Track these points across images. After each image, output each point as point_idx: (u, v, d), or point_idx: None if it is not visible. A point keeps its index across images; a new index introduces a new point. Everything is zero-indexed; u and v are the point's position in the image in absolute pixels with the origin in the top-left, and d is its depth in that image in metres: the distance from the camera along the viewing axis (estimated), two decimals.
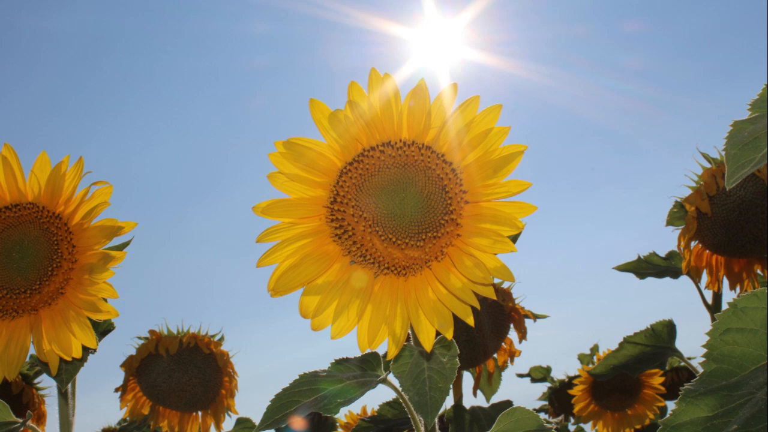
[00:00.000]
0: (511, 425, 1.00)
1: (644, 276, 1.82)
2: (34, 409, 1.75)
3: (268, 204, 0.86)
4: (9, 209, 1.05)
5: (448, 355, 0.91)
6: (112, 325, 1.18)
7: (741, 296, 0.74)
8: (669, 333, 1.64)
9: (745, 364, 0.71)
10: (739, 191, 1.48)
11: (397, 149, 0.85)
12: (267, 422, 0.95)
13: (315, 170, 0.86)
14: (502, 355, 1.79)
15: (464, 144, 0.83)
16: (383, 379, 0.99)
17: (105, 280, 1.02)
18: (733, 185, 0.72)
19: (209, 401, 1.69)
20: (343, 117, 0.84)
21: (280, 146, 0.85)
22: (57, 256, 1.04)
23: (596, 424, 2.34)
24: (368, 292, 0.87)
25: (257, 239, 0.87)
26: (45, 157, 1.03)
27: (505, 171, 0.83)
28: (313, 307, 0.87)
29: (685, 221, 1.56)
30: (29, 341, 1.04)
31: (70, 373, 1.11)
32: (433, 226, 0.85)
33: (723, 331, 0.73)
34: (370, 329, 0.86)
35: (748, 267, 1.62)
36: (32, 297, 1.04)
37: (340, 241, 0.88)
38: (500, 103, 0.83)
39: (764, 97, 0.76)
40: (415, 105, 0.83)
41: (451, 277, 0.85)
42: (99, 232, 1.02)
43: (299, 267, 0.87)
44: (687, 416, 0.71)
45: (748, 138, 0.73)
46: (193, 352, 1.66)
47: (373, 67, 0.83)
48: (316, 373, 1.00)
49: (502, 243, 0.82)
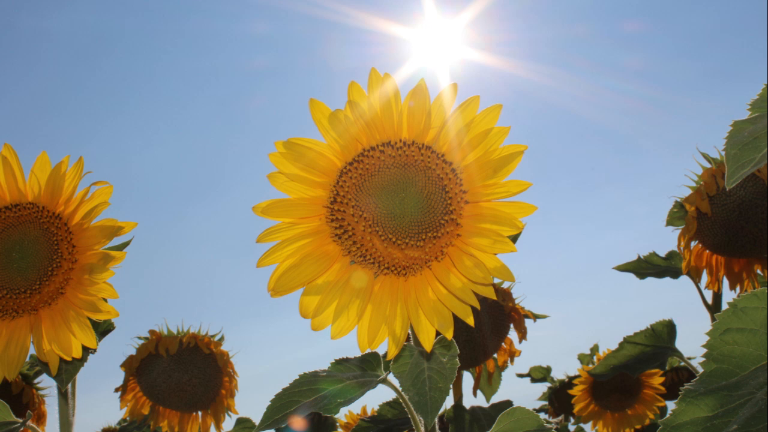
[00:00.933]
0: (511, 425, 1.00)
1: (644, 276, 1.82)
2: (34, 409, 1.75)
3: (268, 204, 0.86)
4: (9, 209, 1.05)
5: (448, 355, 0.91)
6: (112, 325, 1.18)
7: (741, 296, 0.74)
8: (669, 333, 1.64)
9: (745, 364, 0.71)
10: (739, 191, 1.48)
11: (397, 149, 0.85)
12: (267, 422, 0.95)
13: (315, 170, 0.86)
14: (502, 355, 1.79)
15: (464, 144, 0.83)
16: (383, 379, 0.99)
17: (105, 280, 1.02)
18: (733, 185, 0.72)
19: (209, 401, 1.69)
20: (343, 117, 0.84)
21: (280, 146, 0.85)
22: (57, 256, 1.04)
23: (596, 424, 2.34)
24: (368, 292, 0.87)
25: (257, 239, 0.87)
26: (45, 157, 1.03)
27: (505, 171, 0.83)
28: (313, 307, 0.87)
29: (685, 221, 1.56)
30: (29, 341, 1.04)
31: (70, 373, 1.11)
32: (433, 226, 0.85)
33: (723, 331, 0.73)
34: (370, 329, 0.86)
35: (748, 267, 1.62)
36: (32, 297, 1.04)
37: (340, 241, 0.87)
38: (500, 103, 0.83)
39: (764, 97, 0.76)
40: (415, 105, 0.83)
41: (451, 277, 0.85)
42: (99, 232, 1.02)
43: (299, 267, 0.87)
44: (687, 416, 0.71)
45: (748, 138, 0.73)
46: (193, 352, 1.66)
47: (373, 67, 0.83)
48: (316, 373, 1.00)
49: (502, 243, 0.82)
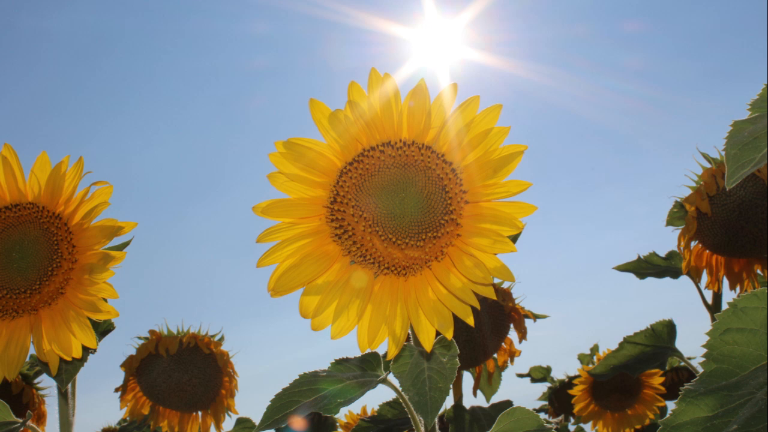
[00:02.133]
0: (511, 425, 1.00)
1: (644, 276, 1.82)
2: (34, 409, 1.75)
3: (268, 204, 0.86)
4: (9, 209, 1.05)
5: (448, 355, 0.91)
6: (112, 325, 1.18)
7: (741, 296, 0.74)
8: (669, 333, 1.64)
9: (745, 364, 0.71)
10: (739, 191, 1.48)
11: (397, 149, 0.85)
12: (267, 422, 0.95)
13: (315, 170, 0.86)
14: (502, 355, 1.79)
15: (464, 144, 0.83)
16: (383, 379, 0.99)
17: (105, 280, 1.02)
18: (733, 185, 0.72)
19: (209, 401, 1.69)
20: (343, 117, 0.84)
21: (280, 146, 0.85)
22: (57, 256, 1.04)
23: (596, 424, 2.34)
24: (368, 292, 0.87)
25: (257, 239, 0.87)
26: (45, 157, 1.03)
27: (505, 171, 0.83)
28: (313, 307, 0.87)
29: (685, 221, 1.56)
30: (29, 341, 1.04)
31: (70, 373, 1.11)
32: (433, 226, 0.85)
33: (723, 331, 0.73)
34: (370, 329, 0.86)
35: (748, 267, 1.62)
36: (32, 297, 1.04)
37: (340, 241, 0.87)
38: (500, 103, 0.83)
39: (764, 97, 0.76)
40: (415, 105, 0.83)
41: (451, 277, 0.85)
42: (99, 232, 1.02)
43: (299, 267, 0.87)
44: (687, 416, 0.71)
45: (748, 138, 0.73)
46: (193, 352, 1.66)
47: (373, 67, 0.83)
48: (316, 373, 1.00)
49: (502, 243, 0.82)
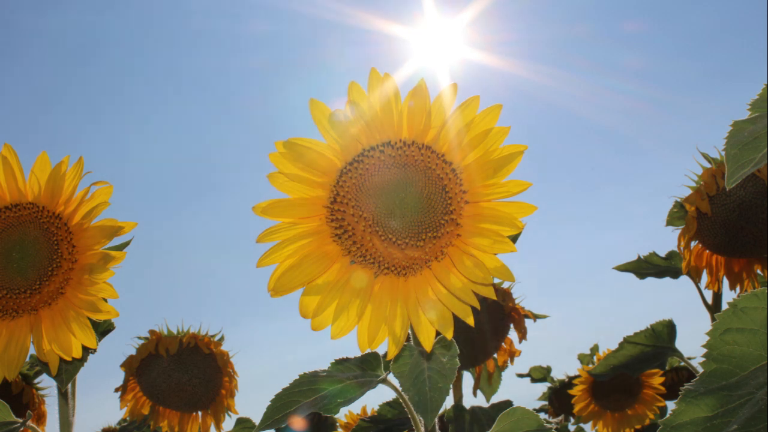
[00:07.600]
0: (511, 425, 1.00)
1: (644, 276, 1.82)
2: (34, 409, 1.75)
3: (268, 204, 0.86)
4: (9, 209, 1.05)
5: (448, 355, 0.91)
6: (112, 325, 1.18)
7: (741, 296, 0.74)
8: (669, 333, 1.64)
9: (745, 364, 0.71)
10: (739, 191, 1.48)
11: (397, 149, 0.85)
12: (267, 422, 0.95)
13: (315, 170, 0.86)
14: (502, 355, 1.79)
15: (464, 144, 0.83)
16: (383, 379, 0.99)
17: (105, 280, 1.02)
18: (733, 185, 0.72)
19: (209, 401, 1.69)
20: (343, 117, 0.84)
21: (280, 146, 0.85)
22: (57, 256, 1.04)
23: (596, 424, 2.34)
24: (368, 292, 0.87)
25: (257, 239, 0.87)
26: (45, 157, 1.03)
27: (505, 171, 0.83)
28: (313, 307, 0.87)
29: (685, 221, 1.56)
30: (29, 341, 1.04)
31: (70, 373, 1.11)
32: (433, 226, 0.85)
33: (723, 331, 0.73)
34: (370, 329, 0.86)
35: (748, 267, 1.62)
36: (32, 297, 1.04)
37: (340, 241, 0.87)
38: (500, 103, 0.83)
39: (764, 97, 0.76)
40: (415, 105, 0.83)
41: (451, 277, 0.85)
42: (99, 232, 1.02)
43: (299, 267, 0.87)
44: (687, 416, 0.71)
45: (748, 138, 0.73)
46: (193, 352, 1.66)
47: (373, 67, 0.83)
48: (316, 373, 1.00)
49: (502, 243, 0.82)
